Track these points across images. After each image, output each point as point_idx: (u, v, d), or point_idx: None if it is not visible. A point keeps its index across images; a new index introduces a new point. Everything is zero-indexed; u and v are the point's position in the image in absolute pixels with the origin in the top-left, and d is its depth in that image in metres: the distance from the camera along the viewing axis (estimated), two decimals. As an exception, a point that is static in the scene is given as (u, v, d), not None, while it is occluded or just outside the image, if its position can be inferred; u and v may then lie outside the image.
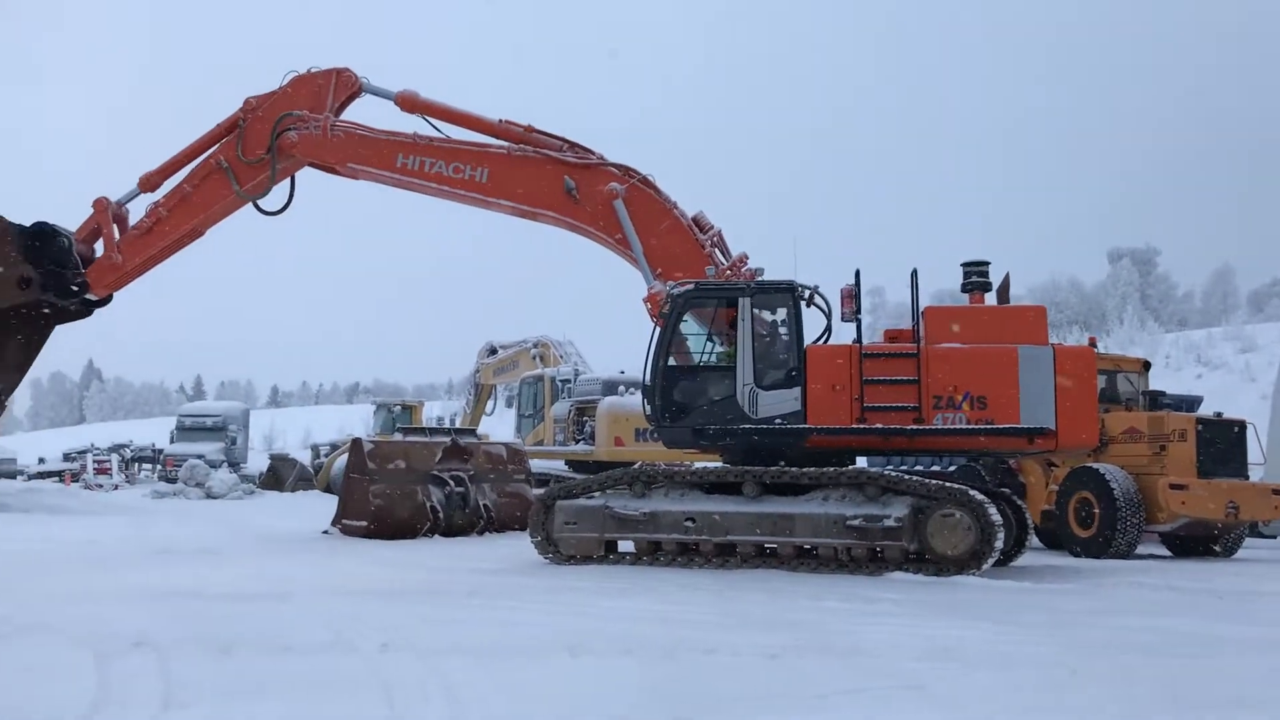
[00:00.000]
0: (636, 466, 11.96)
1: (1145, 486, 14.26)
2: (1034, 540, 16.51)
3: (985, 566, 10.51)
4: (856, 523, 10.57)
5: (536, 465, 20.66)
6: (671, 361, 11.82)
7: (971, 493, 10.69)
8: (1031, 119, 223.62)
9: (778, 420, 11.37)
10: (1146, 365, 17.09)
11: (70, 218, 14.68)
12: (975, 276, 12.12)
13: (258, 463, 40.25)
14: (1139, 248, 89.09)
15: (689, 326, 12.06)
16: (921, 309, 11.80)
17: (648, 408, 11.84)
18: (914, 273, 11.63)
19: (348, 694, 5.26)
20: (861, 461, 14.96)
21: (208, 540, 16.04)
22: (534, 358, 30.09)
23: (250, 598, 9.12)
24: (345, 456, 22.99)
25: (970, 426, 11.09)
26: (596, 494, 11.72)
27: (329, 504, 20.86)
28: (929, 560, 10.66)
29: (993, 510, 10.62)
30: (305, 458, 38.87)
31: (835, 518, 10.68)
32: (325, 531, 16.83)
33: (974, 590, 9.91)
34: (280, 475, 33.52)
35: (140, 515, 22.51)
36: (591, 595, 9.06)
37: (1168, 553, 15.65)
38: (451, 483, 16.42)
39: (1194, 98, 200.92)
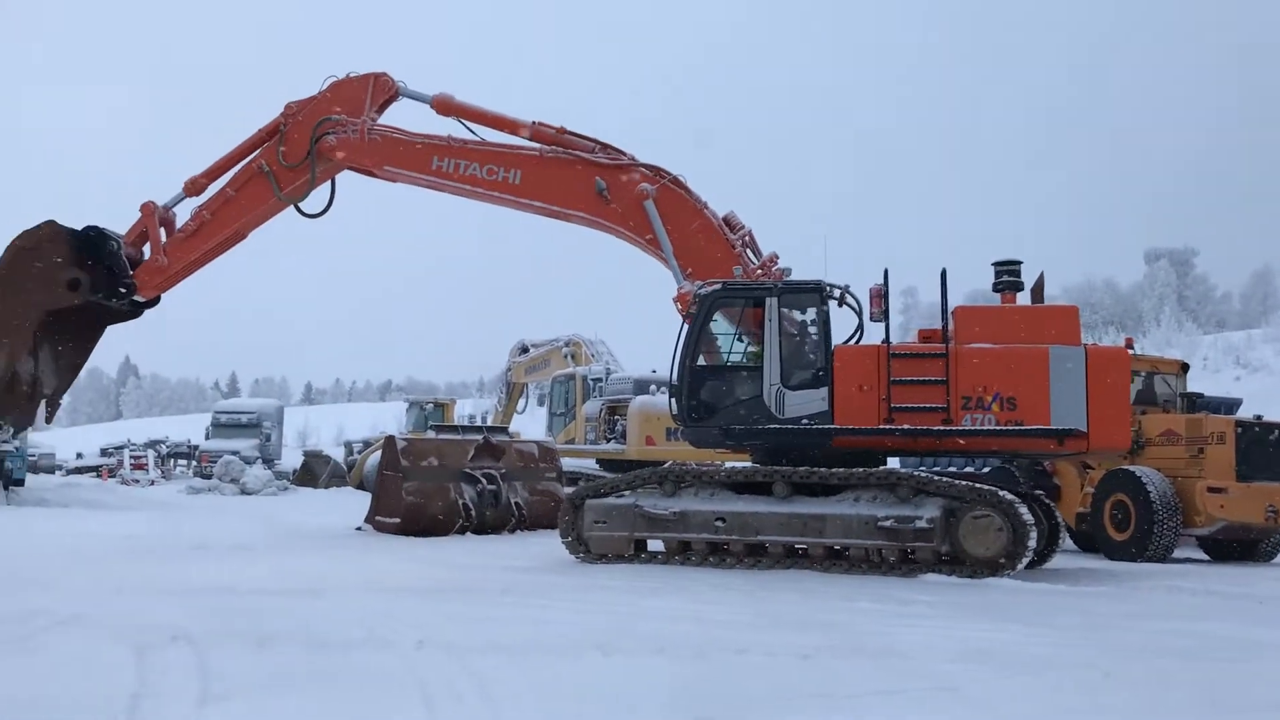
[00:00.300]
0: (667, 465, 11.93)
1: (1182, 489, 14.11)
2: (1068, 543, 16.45)
3: (1018, 567, 10.42)
4: (888, 524, 10.51)
5: (568, 464, 20.70)
6: (700, 361, 11.81)
7: (1003, 494, 10.59)
8: (1068, 117, 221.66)
9: (804, 420, 11.34)
10: (1184, 367, 16.91)
11: (123, 219, 14.88)
12: (1006, 276, 12.03)
13: (292, 459, 40.57)
14: (1176, 248, 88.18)
15: (718, 326, 12.04)
16: (952, 309, 11.74)
17: (674, 407, 11.84)
18: (943, 272, 11.53)
19: (383, 690, 5.31)
20: (894, 462, 14.90)
21: (243, 536, 16.20)
22: (565, 356, 30.17)
23: (285, 593, 9.21)
24: (378, 454, 23.13)
25: (999, 428, 11.00)
26: (626, 493, 11.74)
27: (362, 501, 21.02)
28: (961, 562, 10.59)
29: (1025, 511, 10.52)
30: (339, 455, 39.17)
31: (867, 519, 10.62)
32: (359, 528, 16.96)
33: (1008, 593, 9.85)
34: (314, 472, 33.82)
35: (176, 511, 22.78)
36: (623, 594, 9.08)
37: (1205, 557, 15.47)
38: (484, 480, 16.50)
39: (1235, 96, 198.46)
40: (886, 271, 11.51)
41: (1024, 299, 12.27)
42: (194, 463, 41.92)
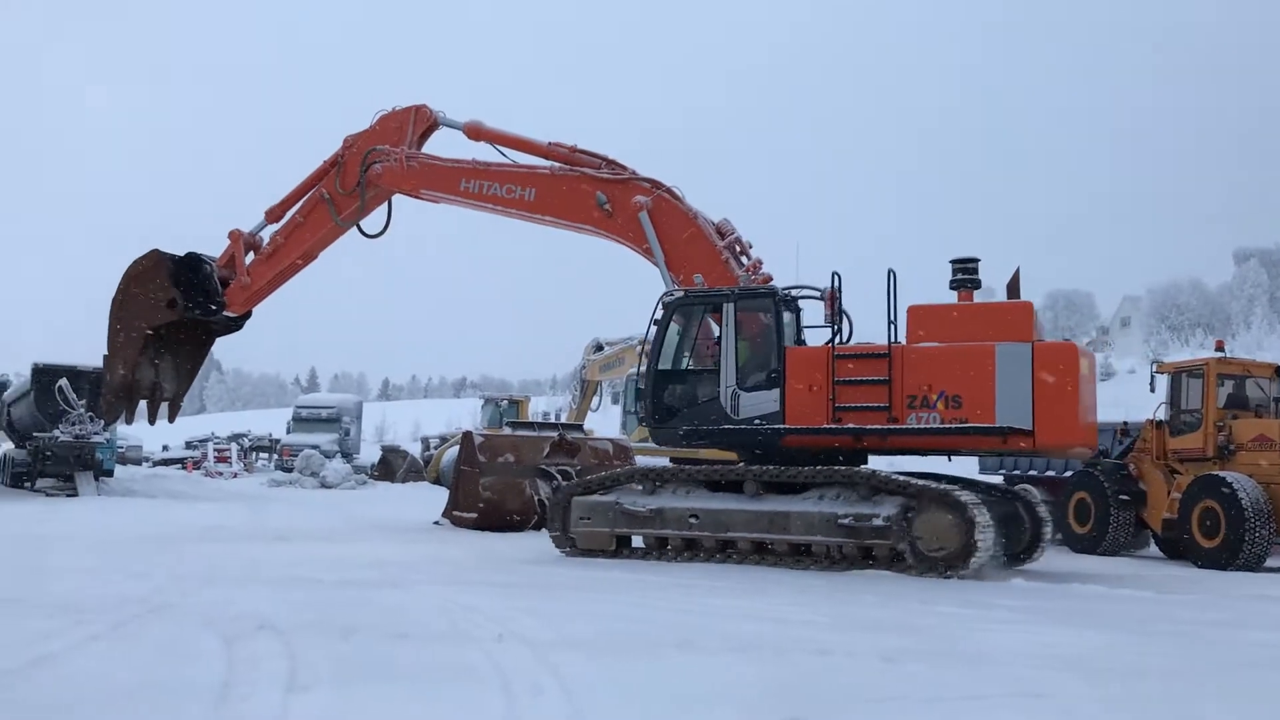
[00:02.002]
0: (647, 465, 12.30)
1: (1275, 496, 13.68)
2: (1154, 549, 16.10)
3: (971, 566, 10.38)
4: (847, 521, 10.75)
5: (642, 462, 20.70)
6: (660, 365, 12.29)
7: (957, 493, 10.60)
8: (1157, 116, 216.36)
9: (757, 420, 11.67)
10: (1278, 370, 16.40)
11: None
12: (962, 274, 11.83)
13: (370, 454, 41.17)
14: (1268, 248, 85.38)
15: (693, 331, 12.43)
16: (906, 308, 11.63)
17: (641, 409, 12.13)
18: (889, 273, 11.47)
19: (465, 683, 5.35)
20: (961, 462, 14.78)
21: (324, 528, 16.52)
22: (640, 355, 30.11)
23: (367, 585, 9.36)
24: (455, 449, 23.36)
25: (943, 426, 11.02)
26: (608, 491, 12.15)
27: (439, 495, 21.28)
28: (917, 559, 10.60)
29: (978, 511, 10.46)
30: (415, 450, 39.68)
31: (828, 516, 10.86)
32: (436, 522, 17.17)
33: (1094, 599, 9.67)
34: (391, 466, 34.27)
35: (258, 502, 23.29)
36: (701, 594, 9.08)
37: (1298, 565, 15.00)
38: (559, 477, 16.57)
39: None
40: (835, 275, 11.77)
41: (990, 297, 12.01)
42: (275, 456, 42.72)
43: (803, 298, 12.42)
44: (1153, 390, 15.64)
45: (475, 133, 14.75)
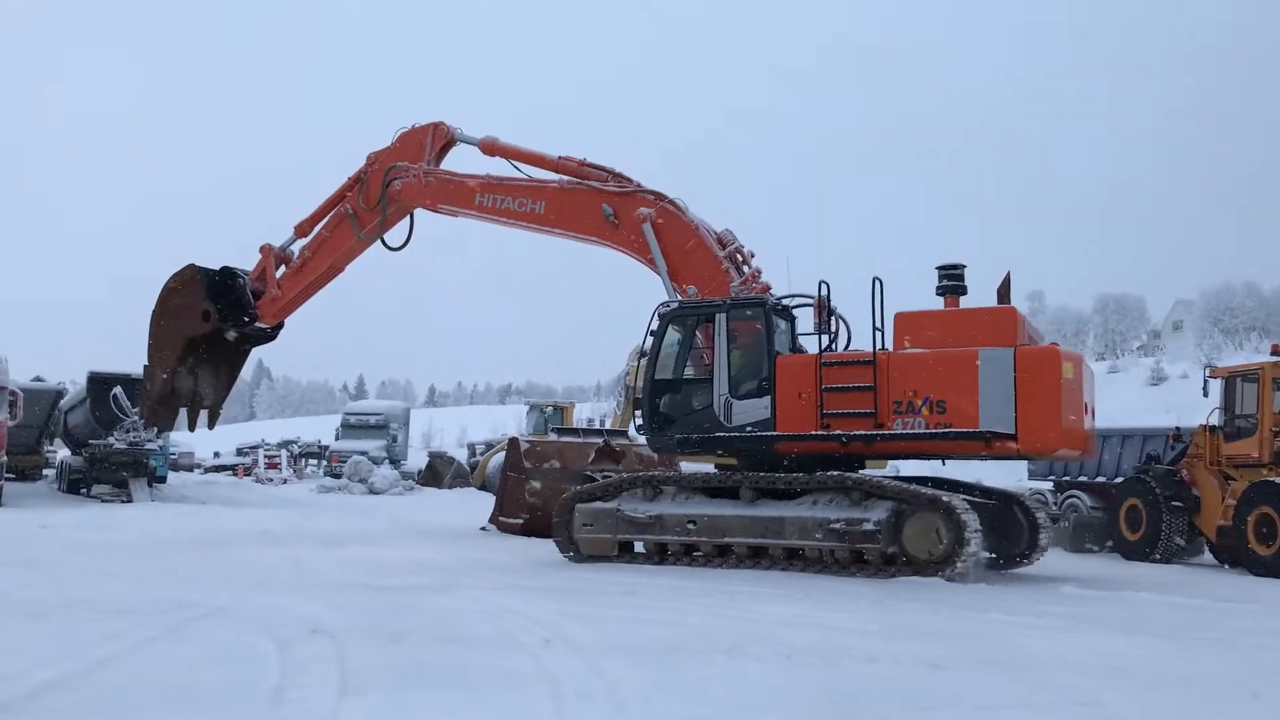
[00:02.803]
0: (648, 472, 12.73)
1: (1333, 502, 13.42)
2: (1208, 557, 15.85)
3: (959, 569, 10.57)
4: (838, 526, 10.98)
5: (686, 467, 20.71)
6: (657, 375, 12.59)
7: (946, 497, 10.80)
8: (1210, 115, 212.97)
9: (749, 428, 11.91)
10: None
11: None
12: (948, 280, 11.94)
13: (417, 460, 41.46)
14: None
15: (688, 341, 12.66)
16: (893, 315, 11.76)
17: (639, 417, 12.67)
18: (876, 281, 11.58)
19: (515, 688, 5.40)
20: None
21: (372, 534, 16.69)
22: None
23: (416, 590, 9.45)
24: (501, 455, 23.49)
25: (928, 431, 11.15)
26: (611, 498, 12.38)
27: (485, 501, 21.43)
28: (907, 562, 10.86)
29: (967, 515, 10.67)
30: (462, 456, 39.89)
31: (820, 521, 11.10)
32: (483, 528, 17.30)
33: (1145, 606, 9.54)
34: (438, 472, 34.48)
35: (308, 508, 23.57)
36: (744, 600, 9.07)
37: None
38: (604, 483, 16.60)
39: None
40: (822, 283, 11.98)
41: (979, 301, 11.91)
42: (324, 462, 43.15)
43: (797, 306, 12.65)
44: (1206, 395, 15.43)
45: (490, 148, 15.21)
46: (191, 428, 18.02)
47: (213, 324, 16.11)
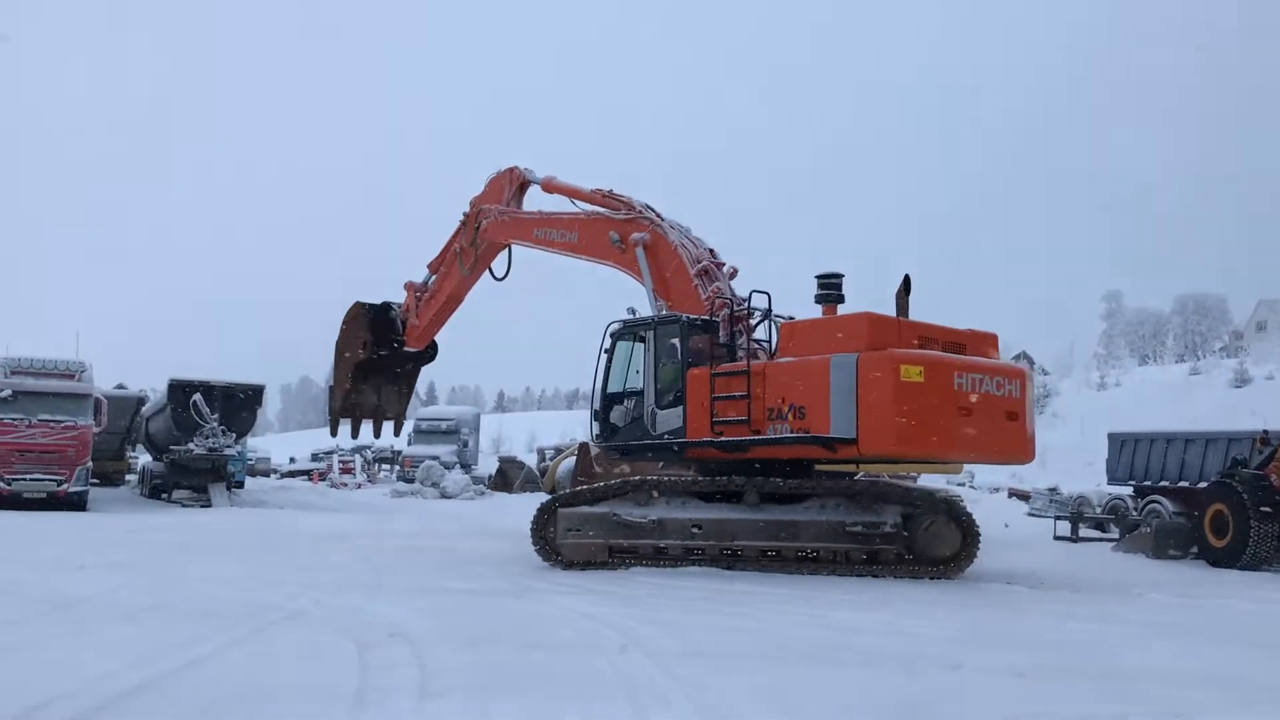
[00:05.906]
0: (639, 477, 13.04)
1: None
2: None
3: (966, 569, 11.37)
4: (857, 529, 11.43)
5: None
6: (605, 387, 13.48)
7: (953, 501, 11.38)
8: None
9: (666, 436, 12.66)
10: None
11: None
12: (824, 289, 12.29)
13: (487, 465, 41.78)
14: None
15: (638, 355, 13.40)
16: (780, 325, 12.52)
17: (595, 426, 13.62)
18: (765, 295, 12.48)
19: (593, 693, 5.40)
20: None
21: (446, 537, 16.85)
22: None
23: (492, 594, 9.52)
24: (571, 459, 23.62)
25: (792, 435, 11.48)
26: (602, 502, 12.48)
27: (556, 506, 21.44)
28: (917, 562, 11.38)
29: (973, 517, 11.25)
30: (531, 460, 40.11)
31: (836, 524, 11.51)
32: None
33: (1236, 614, 9.30)
34: (508, 477, 34.69)
35: (382, 513, 23.84)
36: (823, 606, 9.00)
37: None
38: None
39: None
40: (752, 293, 12.65)
41: (878, 307, 11.93)
42: (397, 467, 43.63)
43: (762, 320, 12.98)
44: (1294, 397, 14.97)
45: (548, 187, 16.86)
46: (377, 434, 20.87)
47: (369, 351, 18.63)
